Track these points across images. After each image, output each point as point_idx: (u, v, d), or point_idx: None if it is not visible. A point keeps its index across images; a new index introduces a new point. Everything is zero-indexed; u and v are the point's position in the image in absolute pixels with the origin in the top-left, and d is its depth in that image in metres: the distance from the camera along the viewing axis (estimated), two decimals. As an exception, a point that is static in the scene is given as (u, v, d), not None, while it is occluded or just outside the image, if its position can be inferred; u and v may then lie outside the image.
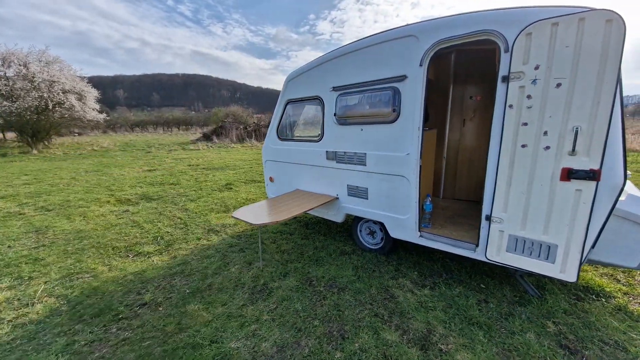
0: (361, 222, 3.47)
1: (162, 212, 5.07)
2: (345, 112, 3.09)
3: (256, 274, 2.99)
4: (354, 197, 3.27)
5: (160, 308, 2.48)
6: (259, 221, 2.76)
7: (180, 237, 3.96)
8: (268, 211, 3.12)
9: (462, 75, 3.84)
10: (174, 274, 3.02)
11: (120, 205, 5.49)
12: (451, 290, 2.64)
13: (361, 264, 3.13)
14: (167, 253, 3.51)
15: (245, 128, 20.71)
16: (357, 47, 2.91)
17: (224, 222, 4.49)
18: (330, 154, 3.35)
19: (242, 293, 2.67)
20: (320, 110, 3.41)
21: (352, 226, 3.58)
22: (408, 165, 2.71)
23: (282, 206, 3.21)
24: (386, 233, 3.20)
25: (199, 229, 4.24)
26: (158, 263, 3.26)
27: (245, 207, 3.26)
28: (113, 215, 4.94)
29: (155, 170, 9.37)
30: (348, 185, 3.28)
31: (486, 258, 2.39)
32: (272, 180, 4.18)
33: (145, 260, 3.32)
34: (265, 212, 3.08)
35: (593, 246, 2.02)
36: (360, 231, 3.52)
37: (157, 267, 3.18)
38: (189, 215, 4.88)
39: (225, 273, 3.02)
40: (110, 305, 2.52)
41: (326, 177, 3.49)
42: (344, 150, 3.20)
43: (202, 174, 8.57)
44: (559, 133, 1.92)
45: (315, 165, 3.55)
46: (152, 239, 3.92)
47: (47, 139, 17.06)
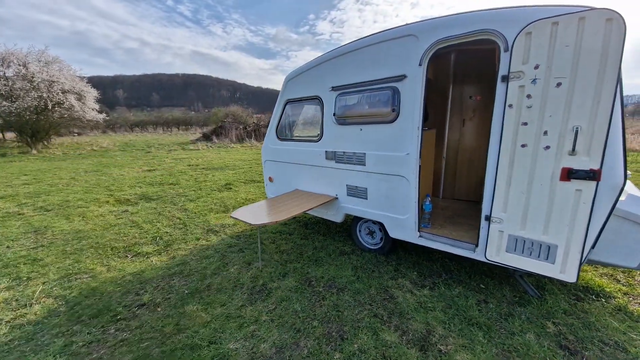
0: (360, 222, 3.46)
1: (161, 212, 5.06)
2: (344, 112, 3.08)
3: (255, 274, 2.98)
4: (353, 197, 3.26)
5: (158, 309, 2.47)
6: (258, 221, 2.75)
7: (179, 238, 3.95)
8: (267, 211, 3.11)
9: (461, 74, 3.84)
10: (173, 275, 3.01)
11: (120, 206, 5.48)
12: (451, 290, 2.63)
13: (360, 264, 3.12)
14: (166, 253, 3.50)
15: (245, 128, 20.69)
16: (356, 47, 2.90)
17: (223, 223, 4.48)
18: (329, 154, 3.34)
19: (241, 293, 2.66)
20: (319, 110, 3.40)
21: (352, 226, 3.57)
22: (407, 165, 2.70)
23: (282, 206, 3.20)
24: (385, 233, 3.19)
25: (198, 229, 4.23)
26: (157, 263, 3.25)
27: (244, 207, 3.25)
28: (112, 215, 4.93)
29: (154, 170, 9.36)
30: (347, 185, 3.27)
31: (486, 258, 2.38)
32: (271, 180, 4.17)
33: (144, 261, 3.31)
34: (264, 212, 3.07)
35: (593, 246, 2.01)
36: (359, 231, 3.52)
37: (156, 267, 3.17)
38: (188, 215, 4.87)
39: (224, 273, 3.01)
40: (108, 306, 2.51)
41: (325, 177, 3.48)
42: (343, 150, 3.19)
43: (202, 174, 8.56)
44: (559, 133, 1.92)
45: (315, 165, 3.54)
46: (151, 239, 3.91)
47: (47, 139, 17.04)
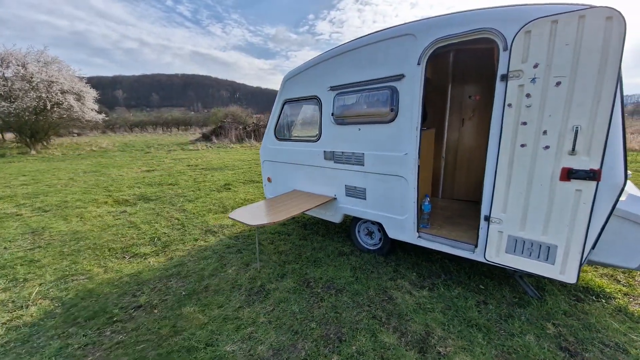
0: (359, 222, 3.44)
1: (159, 212, 5.04)
2: (342, 112, 3.06)
3: (253, 275, 2.96)
4: (351, 198, 3.24)
5: (155, 310, 2.45)
6: (256, 222, 2.74)
7: (177, 238, 3.93)
8: (265, 212, 3.09)
9: (461, 74, 3.81)
10: (170, 276, 2.99)
11: (118, 206, 5.46)
12: (450, 291, 2.61)
13: (359, 265, 3.10)
14: (163, 254, 3.48)
15: (244, 128, 20.67)
16: (355, 46, 2.88)
17: (221, 223, 4.46)
18: (328, 154, 3.32)
19: (238, 295, 2.64)
20: (317, 110, 3.38)
21: (351, 227, 3.55)
22: (406, 165, 2.69)
23: (280, 207, 3.18)
24: (384, 234, 3.17)
25: (197, 230, 4.21)
26: (154, 264, 3.23)
27: (242, 207, 3.23)
28: (110, 216, 4.91)
29: (153, 170, 9.34)
30: (346, 185, 3.25)
31: (485, 259, 2.36)
32: (270, 180, 4.15)
33: (141, 262, 3.29)
34: (262, 213, 3.05)
35: (593, 247, 1.99)
36: (358, 232, 3.50)
37: (154, 268, 3.15)
38: (186, 216, 4.85)
39: (222, 274, 2.99)
40: (105, 307, 2.49)
41: (324, 178, 3.46)
42: (342, 150, 3.17)
43: (201, 174, 8.54)
44: (559, 132, 1.90)
45: (313, 165, 3.52)
46: (149, 240, 3.89)
47: (46, 139, 17.03)
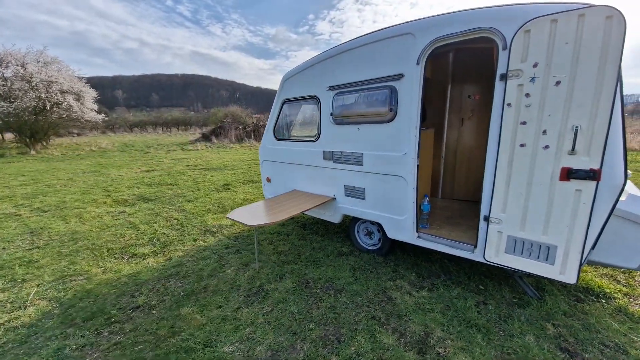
0: (358, 222, 3.43)
1: (158, 213, 5.03)
2: (341, 112, 3.05)
3: (252, 275, 2.95)
4: (351, 198, 3.23)
5: (153, 311, 2.44)
6: (255, 222, 2.73)
7: (176, 238, 3.92)
8: (265, 212, 3.08)
9: (460, 74, 3.80)
10: (169, 276, 2.98)
11: (117, 206, 5.45)
12: (449, 291, 2.60)
13: (359, 265, 3.09)
14: (162, 254, 3.47)
15: (244, 128, 20.66)
16: (354, 46, 2.87)
17: (220, 223, 4.45)
18: (327, 154, 3.31)
19: (237, 295, 2.63)
20: (316, 109, 3.37)
21: (350, 227, 3.54)
22: (405, 165, 2.67)
23: (279, 207, 3.17)
24: (384, 234, 3.16)
25: (196, 230, 4.20)
26: (153, 265, 3.22)
27: (241, 207, 3.22)
28: (109, 216, 4.90)
29: (153, 170, 9.33)
30: (345, 185, 3.24)
31: (484, 259, 2.35)
32: (269, 180, 4.14)
33: (140, 262, 3.28)
34: (261, 213, 3.04)
35: (593, 247, 1.98)
36: (357, 232, 3.49)
37: (152, 269, 3.14)
38: (185, 216, 4.84)
39: (220, 275, 2.98)
40: (102, 308, 2.48)
41: (323, 178, 3.45)
42: (341, 150, 3.16)
43: (200, 174, 8.53)
44: (559, 132, 1.89)
45: (312, 165, 3.51)
46: (147, 240, 3.88)
47: (45, 139, 17.02)
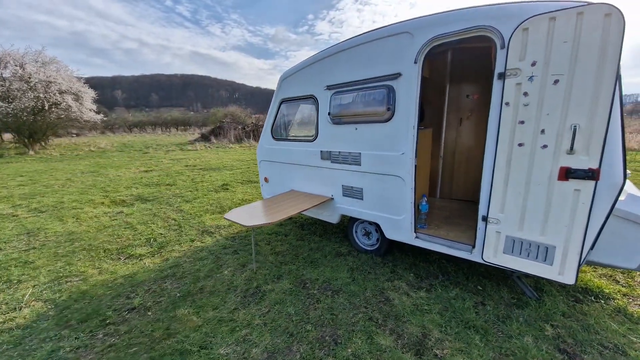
0: (356, 223, 3.41)
1: (156, 213, 5.01)
2: (339, 111, 3.03)
3: (249, 276, 2.93)
4: (348, 198, 3.22)
5: (149, 313, 2.42)
6: (252, 222, 2.70)
7: (173, 239, 3.89)
8: (262, 212, 3.06)
9: (459, 73, 3.78)
10: (165, 277, 2.96)
11: (115, 207, 5.43)
12: (447, 292, 2.58)
13: (356, 266, 3.07)
14: (159, 255, 3.45)
15: (243, 128, 20.63)
16: (351, 45, 2.85)
17: (218, 224, 4.43)
18: (324, 154, 3.29)
19: (234, 296, 2.61)
20: (314, 109, 3.35)
21: (348, 227, 3.52)
22: (403, 165, 2.66)
23: (277, 207, 3.15)
24: (382, 234, 3.14)
25: (193, 231, 4.18)
26: (150, 266, 3.20)
27: (239, 208, 3.19)
28: (107, 216, 4.87)
29: (151, 171, 9.30)
30: (343, 185, 3.22)
31: (483, 260, 2.33)
32: (267, 180, 4.12)
33: (136, 263, 3.26)
34: (259, 213, 3.02)
35: (592, 247, 1.97)
36: (355, 232, 3.47)
37: (149, 269, 3.12)
38: (183, 216, 4.82)
39: (217, 276, 2.96)
40: (98, 310, 2.46)
41: (321, 178, 3.43)
42: (339, 150, 3.14)
43: (199, 174, 8.51)
44: (557, 131, 1.87)
45: (310, 165, 3.49)
46: (144, 240, 3.86)
47: (44, 139, 16.98)
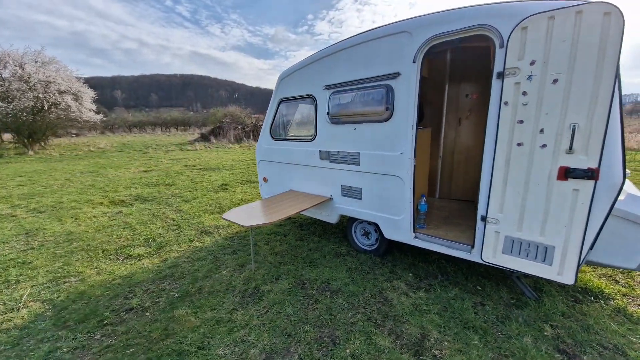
0: (355, 223, 3.41)
1: (155, 213, 5.00)
2: (338, 111, 3.02)
3: (248, 276, 2.92)
4: (347, 198, 3.21)
5: (147, 313, 2.41)
6: (251, 222, 2.69)
7: (172, 239, 3.88)
8: (261, 212, 3.05)
9: (458, 72, 3.78)
10: (164, 277, 2.95)
11: (114, 207, 5.42)
12: (447, 292, 2.57)
13: (355, 266, 3.06)
14: (158, 255, 3.44)
15: (243, 128, 20.62)
16: (350, 44, 2.84)
17: (217, 224, 4.42)
18: (323, 154, 3.28)
19: (232, 297, 2.60)
20: (313, 109, 3.34)
21: (347, 227, 3.52)
22: (402, 165, 2.65)
23: (276, 207, 3.14)
24: (381, 234, 3.13)
25: (192, 231, 4.17)
26: (148, 266, 3.19)
27: (237, 208, 3.18)
28: (105, 217, 4.86)
29: (151, 171, 9.29)
30: (342, 185, 3.21)
31: (482, 260, 2.32)
32: (265, 180, 4.11)
33: (135, 263, 3.25)
34: (258, 213, 3.01)
35: (591, 247, 1.96)
36: (354, 232, 3.46)
37: (147, 270, 3.11)
38: (182, 216, 4.81)
39: (216, 276, 2.95)
40: (95, 310, 2.45)
41: (320, 177, 3.42)
42: (337, 149, 3.14)
43: (198, 174, 8.50)
44: (556, 131, 1.86)
45: (309, 165, 3.48)
46: (143, 241, 3.85)
47: (44, 140, 16.96)
